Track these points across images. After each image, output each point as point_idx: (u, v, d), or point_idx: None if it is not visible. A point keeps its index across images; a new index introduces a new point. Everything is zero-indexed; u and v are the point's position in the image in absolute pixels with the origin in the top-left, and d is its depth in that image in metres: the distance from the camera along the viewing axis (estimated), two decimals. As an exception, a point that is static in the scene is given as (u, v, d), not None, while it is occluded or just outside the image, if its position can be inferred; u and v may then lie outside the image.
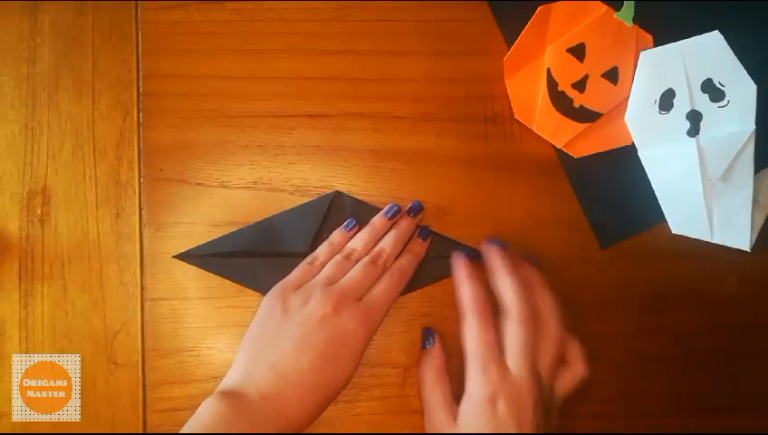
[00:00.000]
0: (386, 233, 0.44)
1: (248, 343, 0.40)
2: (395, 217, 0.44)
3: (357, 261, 0.42)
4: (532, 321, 0.39)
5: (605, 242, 0.46)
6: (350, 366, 0.40)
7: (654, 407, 0.46)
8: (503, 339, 0.39)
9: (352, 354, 0.40)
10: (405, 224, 0.44)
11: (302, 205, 0.45)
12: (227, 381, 0.39)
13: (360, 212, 0.45)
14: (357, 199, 0.45)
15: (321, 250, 0.44)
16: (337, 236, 0.44)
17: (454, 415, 0.39)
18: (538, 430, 0.38)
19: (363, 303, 0.41)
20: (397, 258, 0.43)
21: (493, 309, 0.40)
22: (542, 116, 0.45)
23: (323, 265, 0.42)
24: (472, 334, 0.39)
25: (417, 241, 0.44)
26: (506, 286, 0.40)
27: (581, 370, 0.41)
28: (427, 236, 0.45)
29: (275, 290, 0.42)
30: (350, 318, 0.40)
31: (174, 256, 0.44)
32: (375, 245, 0.43)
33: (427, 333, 0.44)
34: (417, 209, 0.44)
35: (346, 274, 0.42)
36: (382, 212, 0.44)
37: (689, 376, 0.46)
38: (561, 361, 0.41)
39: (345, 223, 0.44)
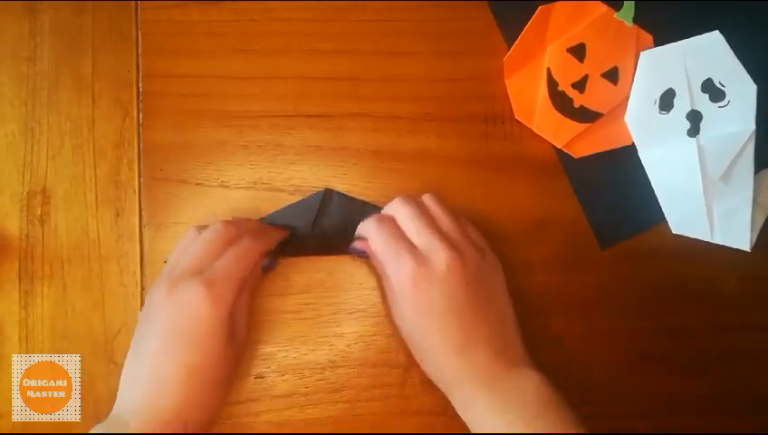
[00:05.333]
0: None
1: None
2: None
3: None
4: (410, 199, 0.40)
5: (605, 242, 0.46)
6: (212, 343, 0.36)
7: (654, 407, 0.46)
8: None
9: (206, 329, 0.36)
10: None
11: (293, 204, 0.44)
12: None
13: (350, 208, 0.44)
14: (347, 196, 0.45)
15: None
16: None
17: None
18: (473, 294, 0.37)
19: (203, 275, 0.36)
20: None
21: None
22: (542, 116, 0.45)
23: None
24: (373, 234, 0.39)
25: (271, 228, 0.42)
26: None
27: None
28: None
29: None
30: (187, 291, 0.36)
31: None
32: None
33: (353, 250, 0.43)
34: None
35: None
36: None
37: (689, 376, 0.46)
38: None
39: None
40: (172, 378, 0.36)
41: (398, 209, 0.40)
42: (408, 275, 0.37)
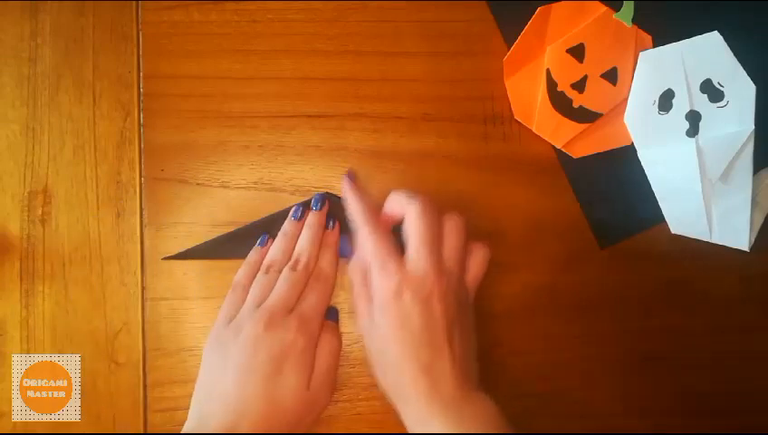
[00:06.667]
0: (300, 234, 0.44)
1: (198, 389, 0.40)
2: (303, 217, 0.44)
3: (278, 272, 0.42)
4: (432, 213, 0.39)
5: (604, 242, 0.46)
6: (299, 380, 0.39)
7: (654, 407, 0.46)
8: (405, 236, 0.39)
9: (299, 367, 0.39)
10: (314, 220, 0.43)
11: (287, 208, 0.44)
12: (185, 430, 0.38)
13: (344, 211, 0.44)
14: (342, 199, 0.45)
15: (241, 274, 0.43)
16: (253, 254, 0.44)
17: None
18: (449, 319, 0.38)
19: (296, 313, 0.40)
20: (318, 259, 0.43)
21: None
22: (541, 116, 0.45)
23: (247, 289, 0.42)
24: (366, 240, 0.40)
25: (327, 232, 0.44)
26: (404, 198, 0.40)
27: (482, 249, 0.41)
28: (334, 225, 0.44)
29: (210, 334, 0.41)
30: (284, 332, 0.39)
31: (164, 258, 0.44)
32: (292, 250, 0.43)
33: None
34: (319, 201, 0.44)
35: (272, 289, 0.41)
36: (290, 215, 0.44)
37: (689, 376, 0.46)
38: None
39: (259, 239, 0.44)
40: (248, 409, 0.37)
41: (415, 217, 0.39)
42: (395, 286, 0.38)
